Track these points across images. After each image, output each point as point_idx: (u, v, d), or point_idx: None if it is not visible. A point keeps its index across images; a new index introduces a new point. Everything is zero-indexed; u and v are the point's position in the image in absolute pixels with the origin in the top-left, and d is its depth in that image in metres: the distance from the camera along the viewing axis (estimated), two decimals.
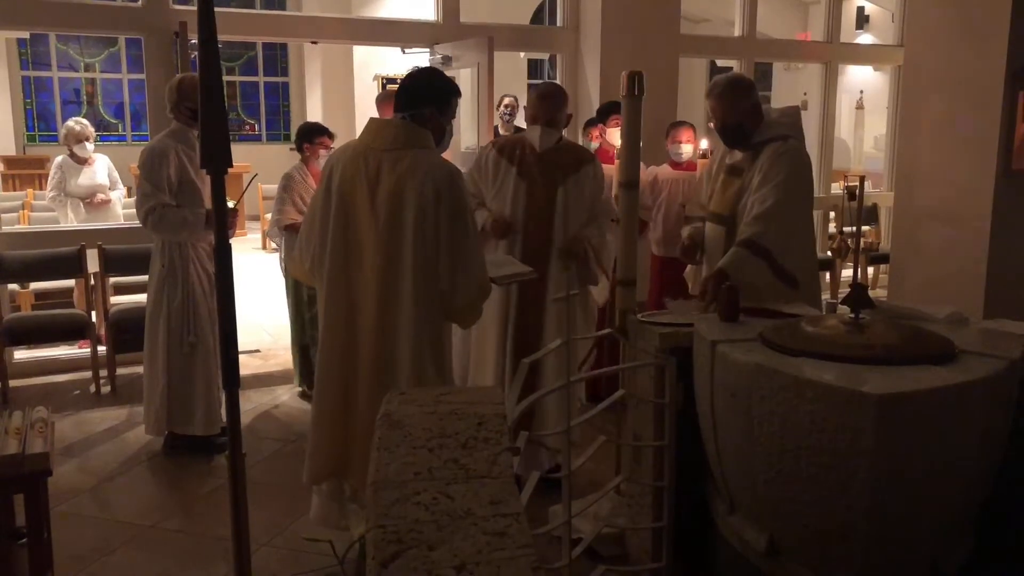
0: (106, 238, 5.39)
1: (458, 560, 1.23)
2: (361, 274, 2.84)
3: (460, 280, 2.80)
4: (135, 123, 13.59)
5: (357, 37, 7.20)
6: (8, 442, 2.58)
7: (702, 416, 2.42)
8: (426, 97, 2.93)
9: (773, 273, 3.14)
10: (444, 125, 2.99)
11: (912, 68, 5.53)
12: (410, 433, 1.70)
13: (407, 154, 2.81)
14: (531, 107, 3.73)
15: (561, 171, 3.67)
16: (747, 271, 3.10)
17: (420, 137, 2.87)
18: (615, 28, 6.22)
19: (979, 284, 4.94)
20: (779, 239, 3.13)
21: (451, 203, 2.77)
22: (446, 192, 2.77)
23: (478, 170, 3.76)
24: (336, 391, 2.91)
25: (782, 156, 3.22)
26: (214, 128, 1.82)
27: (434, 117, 2.93)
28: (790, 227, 3.19)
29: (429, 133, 2.90)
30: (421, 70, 3.18)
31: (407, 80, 3.07)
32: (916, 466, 1.94)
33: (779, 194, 3.14)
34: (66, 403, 4.92)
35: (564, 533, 2.42)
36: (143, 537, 3.40)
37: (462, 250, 2.80)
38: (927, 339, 2.18)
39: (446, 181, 2.78)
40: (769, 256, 3.12)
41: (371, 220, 2.79)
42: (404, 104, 2.93)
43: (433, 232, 2.76)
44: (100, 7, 5.52)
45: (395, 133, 2.87)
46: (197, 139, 4.01)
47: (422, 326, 2.81)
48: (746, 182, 3.31)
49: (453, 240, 2.78)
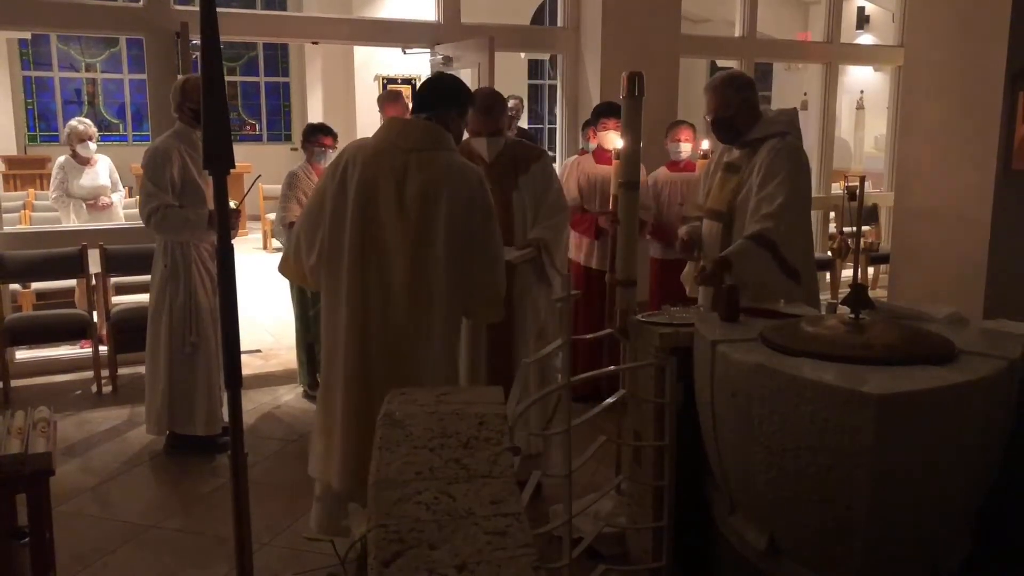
0: (107, 238, 5.39)
1: (459, 559, 1.24)
2: (379, 274, 2.80)
3: (490, 279, 2.89)
4: (136, 123, 13.60)
5: (358, 37, 7.20)
6: (11, 442, 2.58)
7: (702, 416, 2.42)
8: (451, 100, 2.98)
9: (777, 265, 3.18)
10: (461, 128, 3.07)
11: (912, 68, 5.53)
12: (411, 433, 1.70)
13: (437, 156, 2.85)
14: (472, 122, 3.54)
15: (512, 175, 3.67)
16: (751, 261, 3.16)
17: (445, 139, 2.92)
18: (615, 28, 6.22)
19: (979, 284, 4.94)
20: (785, 235, 3.17)
21: (484, 205, 2.86)
22: (479, 195, 2.85)
23: None
24: (356, 389, 2.83)
25: (781, 152, 3.26)
26: (216, 129, 1.82)
27: (455, 120, 2.98)
28: (794, 223, 3.24)
29: (451, 136, 2.95)
30: (446, 74, 3.25)
31: (434, 81, 3.12)
32: (916, 466, 1.95)
33: (786, 191, 3.19)
34: (68, 403, 4.93)
35: (565, 532, 2.43)
36: (145, 537, 3.41)
37: (492, 249, 2.89)
38: (927, 339, 2.18)
39: (478, 185, 2.87)
40: (774, 248, 3.16)
41: (398, 219, 2.78)
42: (430, 104, 2.95)
43: (466, 232, 2.81)
44: (101, 7, 5.52)
45: (422, 134, 2.89)
46: (199, 139, 4.03)
47: (452, 325, 2.90)
48: (743, 178, 3.35)
49: (485, 240, 2.86)
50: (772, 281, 3.18)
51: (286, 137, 14.49)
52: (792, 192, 3.21)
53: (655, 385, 2.72)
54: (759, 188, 3.26)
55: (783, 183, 3.20)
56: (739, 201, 3.35)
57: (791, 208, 3.21)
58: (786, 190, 3.20)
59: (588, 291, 4.63)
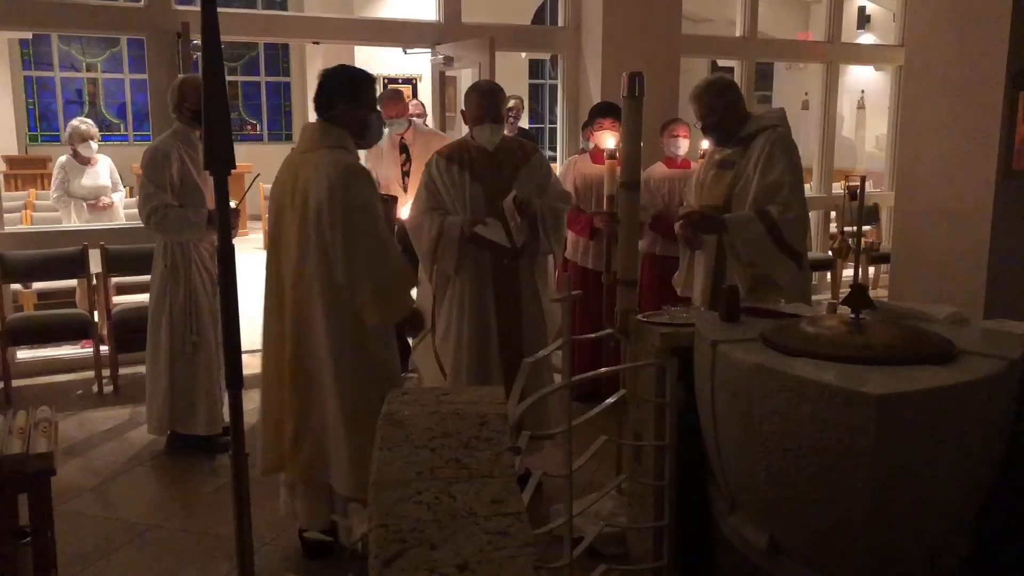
0: (108, 238, 5.40)
1: (460, 559, 1.24)
2: (283, 267, 3.04)
3: (370, 275, 2.90)
4: (137, 123, 13.60)
5: (359, 37, 7.20)
6: (12, 442, 2.59)
7: (703, 416, 2.42)
8: (339, 94, 3.02)
9: (774, 243, 3.33)
10: (364, 116, 3.06)
11: (913, 68, 5.53)
12: (412, 433, 1.70)
13: (315, 155, 2.96)
14: (476, 107, 3.62)
15: (513, 166, 3.67)
16: (747, 231, 3.35)
17: (332, 136, 2.99)
18: (616, 28, 6.22)
19: (979, 284, 4.94)
20: (793, 221, 3.35)
21: (344, 200, 2.87)
22: (339, 190, 2.87)
23: (432, 182, 3.63)
24: (270, 384, 3.12)
25: (778, 142, 3.40)
26: (217, 129, 1.82)
27: (349, 112, 3.01)
28: (800, 211, 3.41)
29: (344, 131, 3.01)
30: (329, 69, 3.18)
31: (321, 82, 3.10)
32: (916, 466, 1.95)
33: (789, 179, 3.36)
34: (69, 403, 4.94)
35: (565, 532, 2.43)
36: (146, 536, 3.41)
37: (370, 247, 2.90)
38: (927, 339, 2.18)
39: (340, 179, 2.88)
40: (775, 228, 3.33)
41: (292, 222, 2.97)
42: (321, 107, 3.04)
43: (330, 230, 2.88)
44: (102, 8, 5.53)
45: (309, 135, 3.04)
46: (199, 139, 4.03)
47: (337, 325, 2.95)
48: (740, 170, 3.47)
49: (347, 237, 2.88)
50: (767, 261, 3.37)
51: (287, 137, 14.49)
52: (795, 179, 3.38)
53: (656, 385, 2.72)
54: (761, 175, 3.39)
55: (786, 171, 3.36)
56: (737, 192, 3.47)
57: (796, 194, 3.37)
58: (789, 177, 3.36)
59: (584, 291, 4.63)
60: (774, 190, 3.36)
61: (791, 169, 3.37)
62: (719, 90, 3.52)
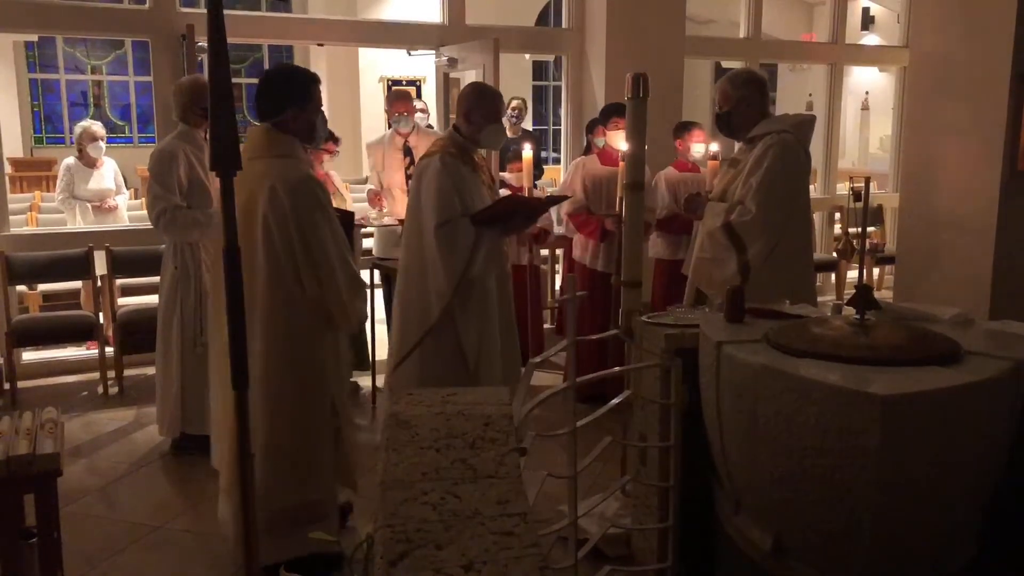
0: (113, 240, 5.41)
1: (466, 559, 1.24)
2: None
3: (323, 286, 2.85)
4: (141, 125, 13.64)
5: (363, 39, 7.22)
6: (19, 443, 2.59)
7: (707, 417, 2.42)
8: (287, 98, 2.89)
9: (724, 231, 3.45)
10: (310, 119, 2.95)
11: (917, 69, 5.53)
12: (418, 433, 1.71)
13: (258, 164, 2.82)
14: (485, 108, 3.57)
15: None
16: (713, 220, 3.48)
17: (277, 144, 2.87)
18: (620, 29, 6.22)
19: (984, 285, 4.94)
20: (749, 224, 3.39)
21: (299, 214, 2.80)
22: (292, 205, 2.79)
23: (453, 185, 3.46)
24: (216, 385, 3.04)
25: (772, 148, 3.43)
26: (224, 129, 1.83)
27: (297, 117, 2.90)
28: (761, 217, 3.40)
29: (290, 138, 2.90)
30: (273, 70, 3.09)
31: (261, 86, 2.98)
32: (921, 467, 1.95)
33: (767, 179, 3.38)
34: (74, 404, 4.94)
35: (570, 533, 2.43)
36: (152, 537, 3.42)
37: (314, 257, 2.83)
38: (932, 340, 2.18)
39: (291, 194, 2.80)
40: (740, 244, 3.41)
41: (242, 225, 2.95)
42: (267, 112, 2.91)
43: (285, 244, 2.81)
44: (107, 10, 5.55)
45: (254, 142, 2.90)
46: (205, 140, 4.05)
47: (274, 336, 2.87)
48: (739, 170, 3.56)
49: (307, 249, 2.82)
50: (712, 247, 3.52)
51: None
52: (772, 183, 3.38)
53: (660, 386, 2.72)
54: (747, 177, 3.47)
55: (765, 174, 3.39)
56: (731, 191, 3.56)
57: (760, 196, 3.38)
58: (767, 179, 3.38)
59: (592, 293, 4.64)
60: (749, 192, 3.44)
61: (772, 175, 3.37)
62: (741, 82, 3.59)
